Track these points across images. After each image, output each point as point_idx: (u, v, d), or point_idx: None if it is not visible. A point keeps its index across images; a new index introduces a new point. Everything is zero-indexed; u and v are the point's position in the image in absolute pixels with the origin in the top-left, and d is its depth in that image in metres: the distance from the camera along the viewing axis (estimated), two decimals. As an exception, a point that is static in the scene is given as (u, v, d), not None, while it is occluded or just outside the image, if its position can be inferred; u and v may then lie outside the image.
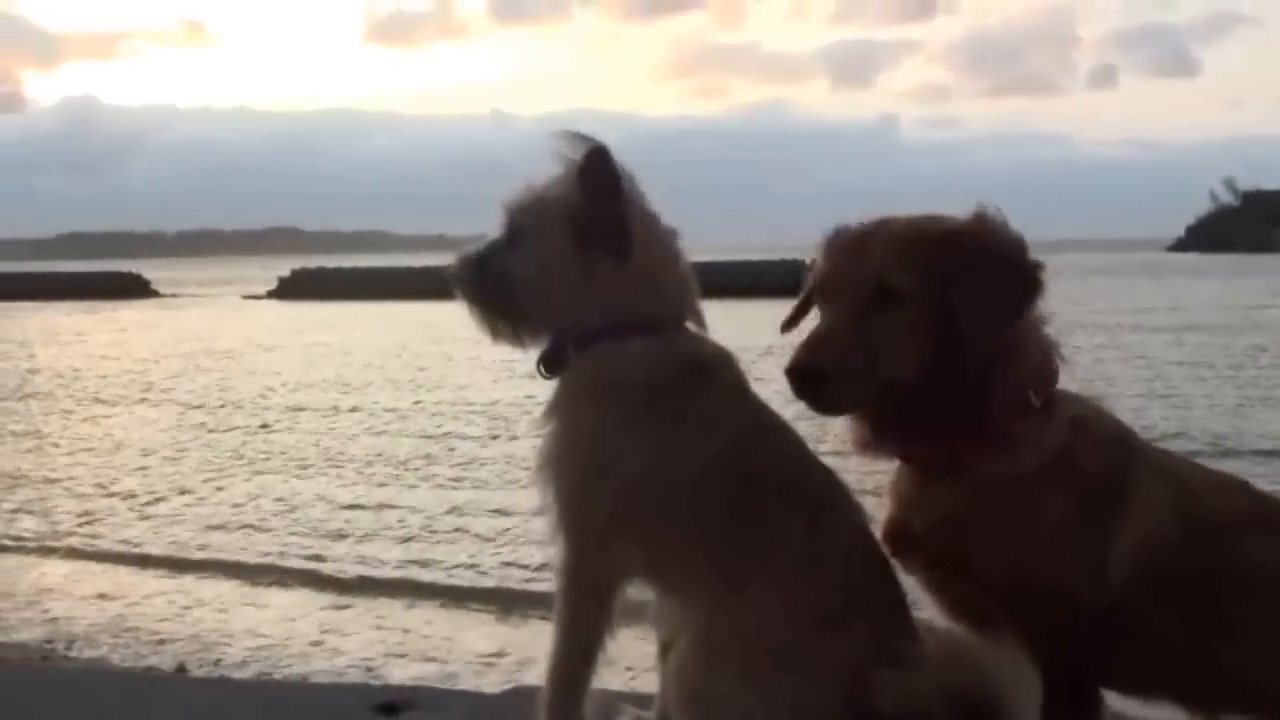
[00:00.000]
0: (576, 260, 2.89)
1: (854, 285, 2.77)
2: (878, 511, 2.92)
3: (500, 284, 2.96)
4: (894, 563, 2.88)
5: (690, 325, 3.00)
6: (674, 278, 2.99)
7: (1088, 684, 2.82)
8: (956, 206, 2.85)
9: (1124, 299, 57.49)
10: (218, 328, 52.53)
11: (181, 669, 9.27)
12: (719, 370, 2.92)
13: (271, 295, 78.33)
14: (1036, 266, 2.79)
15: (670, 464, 2.78)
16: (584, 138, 2.92)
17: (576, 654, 2.83)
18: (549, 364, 2.98)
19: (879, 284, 2.74)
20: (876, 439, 2.85)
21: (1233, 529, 2.80)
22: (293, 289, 76.70)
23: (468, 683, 8.91)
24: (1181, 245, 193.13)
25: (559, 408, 2.93)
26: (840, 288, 2.80)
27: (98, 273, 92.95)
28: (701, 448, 2.79)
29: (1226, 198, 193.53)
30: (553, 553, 2.87)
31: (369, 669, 9.32)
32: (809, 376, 2.72)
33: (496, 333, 3.02)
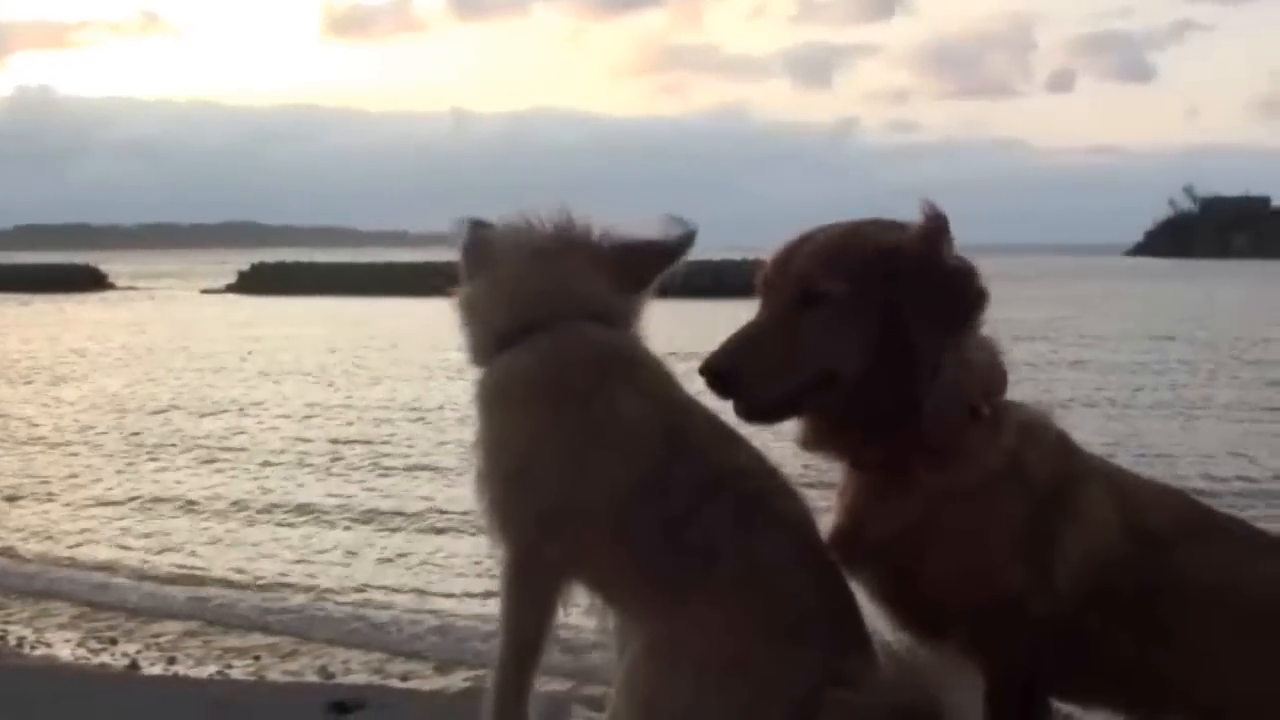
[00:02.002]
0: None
1: (779, 292, 2.80)
2: (822, 513, 2.88)
3: None
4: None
5: (594, 319, 2.90)
6: (555, 273, 2.91)
7: (1037, 693, 2.83)
8: (913, 207, 2.83)
9: (1077, 304, 57.76)
10: (161, 321, 51.59)
11: (133, 666, 9.21)
12: (627, 367, 2.86)
13: (231, 289, 77.68)
14: (979, 275, 2.80)
15: (592, 483, 2.75)
16: None
17: (519, 654, 2.82)
18: None
19: (802, 289, 2.76)
20: (826, 437, 2.84)
21: (1174, 538, 2.82)
22: (252, 283, 76.02)
23: (422, 683, 8.88)
24: (1140, 250, 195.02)
25: (477, 423, 2.93)
26: (767, 296, 2.83)
27: (50, 265, 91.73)
28: (625, 464, 2.75)
29: (1185, 204, 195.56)
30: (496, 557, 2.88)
31: (323, 668, 9.26)
32: (719, 375, 2.74)
33: None
